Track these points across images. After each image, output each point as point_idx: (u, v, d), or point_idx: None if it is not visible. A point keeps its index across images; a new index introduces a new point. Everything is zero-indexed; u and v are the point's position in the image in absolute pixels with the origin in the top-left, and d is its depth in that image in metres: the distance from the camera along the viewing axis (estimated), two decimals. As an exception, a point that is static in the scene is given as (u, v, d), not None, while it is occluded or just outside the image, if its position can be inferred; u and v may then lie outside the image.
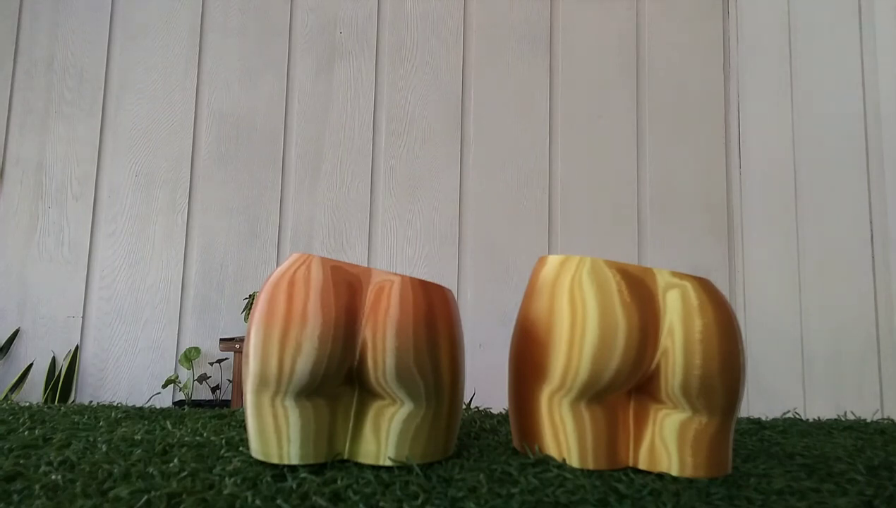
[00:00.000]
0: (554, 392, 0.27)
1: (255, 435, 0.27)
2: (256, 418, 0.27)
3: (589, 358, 0.26)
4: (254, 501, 0.22)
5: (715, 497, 0.24)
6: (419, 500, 0.23)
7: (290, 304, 0.26)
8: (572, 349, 0.27)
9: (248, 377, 0.27)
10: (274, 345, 0.26)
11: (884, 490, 0.25)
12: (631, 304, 0.26)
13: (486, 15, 1.93)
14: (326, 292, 0.27)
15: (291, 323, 0.26)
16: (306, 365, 0.26)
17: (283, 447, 0.26)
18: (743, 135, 1.85)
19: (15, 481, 0.25)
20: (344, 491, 0.23)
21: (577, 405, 0.27)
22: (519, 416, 0.31)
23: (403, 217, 1.85)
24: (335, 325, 0.26)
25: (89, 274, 1.80)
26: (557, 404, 0.27)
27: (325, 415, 0.27)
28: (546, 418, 0.28)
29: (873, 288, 1.25)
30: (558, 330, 0.27)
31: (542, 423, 0.28)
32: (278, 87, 1.88)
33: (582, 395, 0.27)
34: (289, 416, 0.26)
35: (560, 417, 0.28)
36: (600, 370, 0.26)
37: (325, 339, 0.26)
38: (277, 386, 0.26)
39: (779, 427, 0.40)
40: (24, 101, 1.85)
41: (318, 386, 0.27)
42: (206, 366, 1.76)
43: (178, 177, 1.84)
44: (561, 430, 0.28)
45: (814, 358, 1.44)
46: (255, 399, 0.27)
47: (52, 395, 1.65)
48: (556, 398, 0.27)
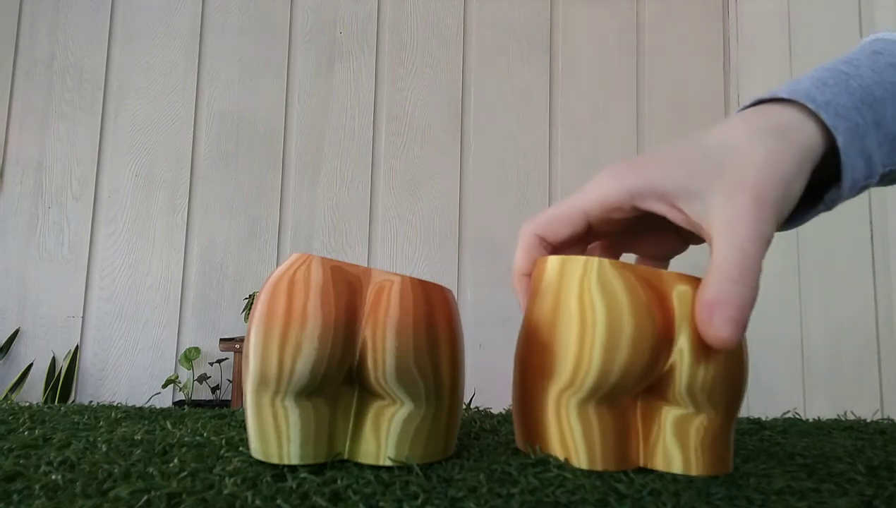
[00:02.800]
0: (562, 391, 0.27)
1: (254, 435, 0.27)
2: (256, 418, 0.27)
3: (599, 358, 0.26)
4: (254, 501, 0.22)
5: (715, 497, 0.24)
6: (419, 500, 0.23)
7: (290, 304, 0.26)
8: (583, 349, 0.27)
9: (248, 377, 0.27)
10: (274, 345, 0.26)
11: (884, 490, 0.26)
12: (647, 304, 0.26)
13: (486, 15, 1.93)
14: (326, 292, 0.27)
15: (291, 323, 0.26)
16: (306, 365, 0.26)
17: (283, 447, 0.26)
18: (743, 135, 1.85)
19: (15, 481, 0.25)
20: (344, 491, 0.23)
21: (586, 406, 0.27)
22: (523, 417, 0.31)
23: (403, 217, 1.85)
24: (335, 325, 0.26)
25: (89, 274, 1.80)
26: (565, 404, 0.27)
27: (325, 415, 0.27)
28: (553, 419, 0.28)
29: (873, 288, 1.25)
30: (567, 330, 0.27)
31: (548, 424, 0.28)
32: (278, 87, 1.89)
33: (591, 396, 0.27)
34: (289, 416, 0.26)
35: (567, 418, 0.28)
36: (608, 371, 0.26)
37: (326, 339, 0.26)
38: (277, 385, 0.26)
39: (779, 427, 0.40)
40: (24, 101, 1.85)
41: (319, 386, 0.27)
42: (206, 366, 1.76)
43: (178, 177, 1.84)
44: (568, 431, 0.28)
45: (814, 358, 1.44)
46: (254, 399, 0.27)
47: (52, 395, 1.65)
48: (563, 397, 0.27)
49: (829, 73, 0.31)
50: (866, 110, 0.30)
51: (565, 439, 0.28)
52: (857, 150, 0.29)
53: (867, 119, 0.30)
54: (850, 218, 1.32)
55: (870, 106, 0.30)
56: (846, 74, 0.30)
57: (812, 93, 0.30)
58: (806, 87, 0.30)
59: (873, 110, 0.30)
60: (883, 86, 0.30)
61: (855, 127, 0.29)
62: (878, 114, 0.30)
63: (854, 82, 0.30)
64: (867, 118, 0.30)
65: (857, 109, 0.29)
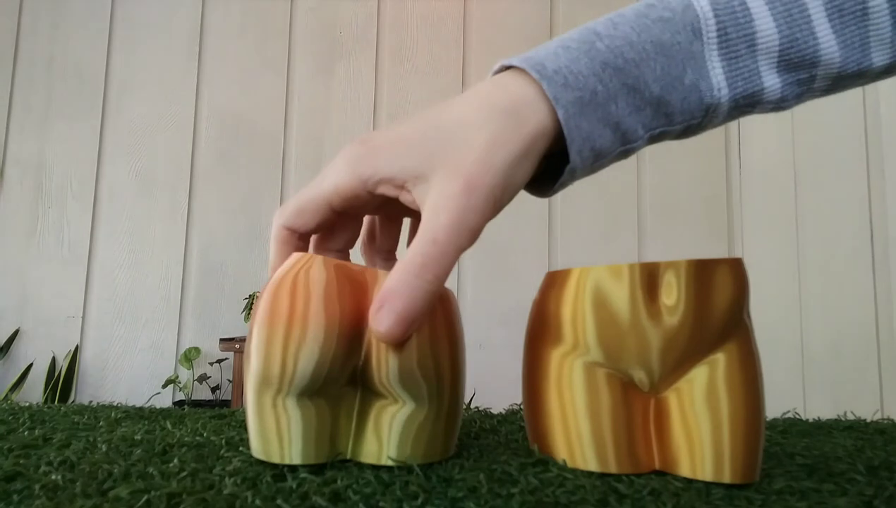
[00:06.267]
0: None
1: (256, 435, 0.27)
2: (258, 418, 0.27)
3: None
4: (254, 501, 0.22)
5: (715, 497, 0.24)
6: (419, 500, 0.23)
7: (293, 304, 0.26)
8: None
9: (250, 376, 0.27)
10: (277, 345, 0.26)
11: (884, 490, 0.26)
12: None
13: (486, 15, 1.93)
14: (330, 292, 0.26)
15: (294, 323, 0.26)
16: (309, 365, 0.26)
17: (285, 447, 0.26)
18: (743, 136, 1.85)
19: (15, 481, 0.25)
20: (344, 491, 0.23)
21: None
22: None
23: (403, 217, 1.84)
24: (339, 325, 0.26)
25: (89, 274, 1.80)
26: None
27: (327, 416, 0.27)
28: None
29: (873, 288, 1.25)
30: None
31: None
32: (278, 87, 1.88)
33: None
34: (290, 416, 0.26)
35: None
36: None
37: (329, 340, 0.26)
38: (279, 386, 0.26)
39: (779, 427, 0.40)
40: (24, 101, 1.85)
41: (322, 387, 0.27)
42: (206, 366, 1.76)
43: (178, 177, 1.84)
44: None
45: (814, 358, 1.44)
46: (256, 399, 0.27)
47: (52, 395, 1.65)
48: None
49: (579, 34, 0.29)
50: (611, 75, 0.28)
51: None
52: (596, 119, 0.28)
53: (612, 84, 0.28)
54: (850, 218, 1.32)
55: (618, 70, 0.28)
56: (596, 35, 0.29)
57: (545, 61, 0.28)
58: (543, 54, 0.29)
59: (623, 73, 0.28)
60: (641, 46, 0.28)
61: (591, 95, 0.28)
62: (630, 77, 0.28)
63: (602, 44, 0.28)
64: (612, 83, 0.28)
65: (596, 75, 0.28)
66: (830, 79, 0.31)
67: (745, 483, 0.26)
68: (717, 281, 0.27)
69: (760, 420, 0.27)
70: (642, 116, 0.29)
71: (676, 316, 0.27)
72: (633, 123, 0.29)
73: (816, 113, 1.46)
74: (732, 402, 0.27)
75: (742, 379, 0.27)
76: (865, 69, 0.31)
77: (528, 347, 0.32)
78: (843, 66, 0.30)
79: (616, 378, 0.28)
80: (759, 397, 0.28)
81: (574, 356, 0.29)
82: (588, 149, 0.29)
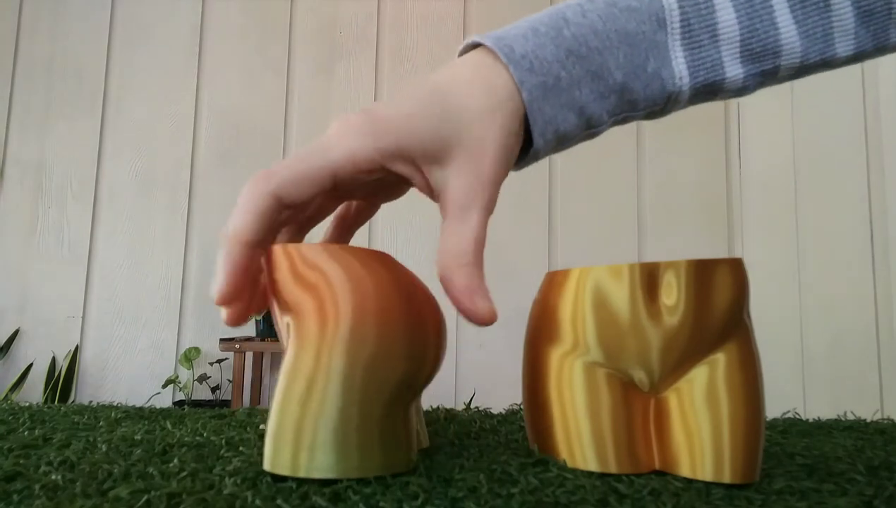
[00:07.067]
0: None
1: (377, 447, 0.25)
2: (380, 428, 0.25)
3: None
4: (254, 501, 0.22)
5: (715, 497, 0.24)
6: (419, 500, 0.23)
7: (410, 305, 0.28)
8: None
9: (388, 384, 0.25)
10: (430, 348, 0.26)
11: (884, 490, 0.26)
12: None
13: (486, 15, 1.93)
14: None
15: (427, 325, 0.27)
16: (434, 369, 0.27)
17: (413, 455, 0.27)
18: (743, 136, 1.85)
19: (15, 481, 0.25)
20: (344, 491, 0.23)
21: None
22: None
23: (403, 217, 1.85)
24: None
25: (89, 274, 1.80)
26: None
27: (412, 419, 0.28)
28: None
29: (873, 289, 1.25)
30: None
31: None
32: (278, 87, 1.88)
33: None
34: (410, 422, 0.27)
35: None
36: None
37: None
38: (418, 389, 0.26)
39: (779, 427, 0.40)
40: (24, 101, 1.85)
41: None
42: (206, 366, 1.76)
43: (178, 177, 1.84)
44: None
45: (814, 358, 1.44)
46: (388, 410, 0.26)
47: (52, 395, 1.65)
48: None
49: (549, 18, 0.30)
50: (574, 62, 0.29)
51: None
52: (560, 104, 0.29)
53: (575, 71, 0.29)
54: (850, 218, 1.32)
55: (581, 58, 0.29)
56: (564, 21, 0.29)
57: (513, 44, 0.29)
58: (513, 35, 0.29)
59: (587, 61, 0.29)
60: (605, 34, 0.29)
61: (555, 80, 0.29)
62: (594, 65, 0.29)
63: (568, 31, 0.29)
64: (575, 70, 0.29)
65: (560, 62, 0.29)
66: (794, 68, 0.31)
67: (745, 483, 0.26)
68: (717, 282, 0.27)
69: (760, 420, 0.27)
70: (606, 103, 0.30)
71: (676, 316, 0.27)
72: (598, 109, 0.30)
73: (817, 113, 1.46)
74: (732, 402, 0.27)
75: (742, 379, 0.27)
76: (829, 59, 0.31)
77: (528, 347, 0.32)
78: (804, 55, 0.31)
79: (616, 378, 0.28)
80: (759, 397, 0.28)
81: (574, 356, 0.29)
82: (551, 132, 0.30)
